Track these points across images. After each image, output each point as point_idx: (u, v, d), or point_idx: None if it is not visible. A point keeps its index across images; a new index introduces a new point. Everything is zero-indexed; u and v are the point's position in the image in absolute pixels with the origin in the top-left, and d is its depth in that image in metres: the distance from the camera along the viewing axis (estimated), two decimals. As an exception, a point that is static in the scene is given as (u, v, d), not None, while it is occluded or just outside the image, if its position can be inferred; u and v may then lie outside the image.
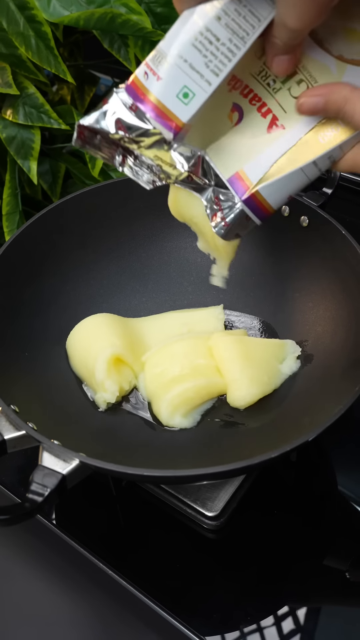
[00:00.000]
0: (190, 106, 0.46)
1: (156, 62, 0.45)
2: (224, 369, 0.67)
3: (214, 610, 0.57)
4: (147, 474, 0.51)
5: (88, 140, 0.50)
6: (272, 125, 0.50)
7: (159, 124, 0.47)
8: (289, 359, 0.69)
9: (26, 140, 0.81)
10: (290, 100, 0.49)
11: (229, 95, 0.49)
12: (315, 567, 0.60)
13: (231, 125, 0.51)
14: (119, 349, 0.67)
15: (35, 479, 0.50)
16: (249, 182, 0.52)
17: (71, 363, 0.70)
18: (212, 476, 0.55)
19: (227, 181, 0.52)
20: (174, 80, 0.45)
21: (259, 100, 0.50)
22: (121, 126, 0.48)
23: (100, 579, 0.60)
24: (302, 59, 0.47)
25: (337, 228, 0.67)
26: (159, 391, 0.66)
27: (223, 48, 0.44)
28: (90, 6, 0.71)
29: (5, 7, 0.73)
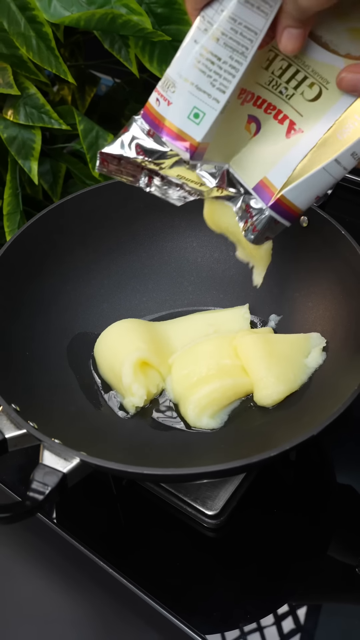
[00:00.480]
0: (202, 125, 0.48)
1: (165, 88, 0.48)
2: (249, 368, 0.67)
3: (214, 608, 0.57)
4: (147, 472, 0.51)
5: (111, 166, 0.52)
6: (290, 130, 0.51)
7: (175, 146, 0.49)
8: (314, 352, 0.68)
9: (27, 140, 0.81)
10: (304, 104, 0.50)
11: (242, 108, 0.51)
12: (314, 566, 0.60)
13: (250, 137, 0.52)
14: (144, 353, 0.68)
15: (36, 478, 0.50)
16: (274, 188, 0.53)
17: (99, 370, 0.71)
18: (212, 475, 0.55)
19: (252, 190, 0.53)
20: (183, 103, 0.47)
21: (274, 109, 0.51)
22: (141, 151, 0.51)
23: (101, 578, 0.60)
24: (311, 63, 0.48)
25: (337, 228, 0.67)
26: (186, 393, 0.66)
27: (225, 66, 0.46)
28: (91, 7, 0.72)
29: (6, 7, 0.73)
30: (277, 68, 0.49)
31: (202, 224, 0.78)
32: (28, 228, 0.71)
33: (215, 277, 0.78)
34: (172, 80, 0.47)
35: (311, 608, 0.58)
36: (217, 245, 0.79)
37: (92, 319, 0.74)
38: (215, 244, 0.78)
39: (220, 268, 0.79)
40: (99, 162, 0.52)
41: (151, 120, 0.49)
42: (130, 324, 0.72)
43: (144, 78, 0.93)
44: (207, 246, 0.79)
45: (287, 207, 0.53)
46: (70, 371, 0.71)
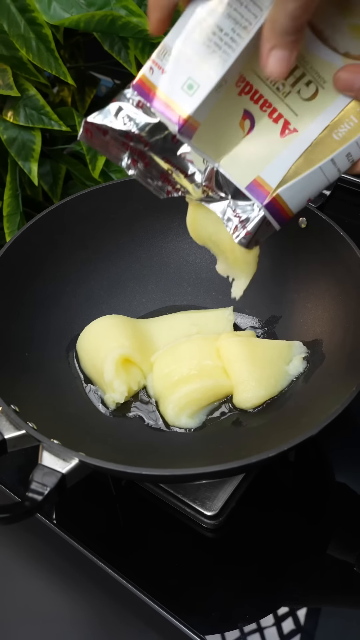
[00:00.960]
0: (195, 97, 0.46)
1: (161, 56, 0.46)
2: (230, 370, 0.67)
3: (213, 608, 0.58)
4: (146, 473, 0.51)
5: (95, 137, 0.50)
6: (285, 129, 0.50)
7: (164, 116, 0.47)
8: (295, 360, 0.69)
9: (27, 141, 0.81)
10: (300, 103, 0.49)
11: (239, 100, 0.49)
12: (313, 566, 0.60)
13: (243, 135, 0.51)
14: (127, 350, 0.68)
15: (35, 478, 0.50)
16: (269, 187, 0.52)
17: (81, 365, 0.71)
18: (211, 475, 0.55)
19: (245, 189, 0.52)
20: (178, 72, 0.45)
21: (270, 106, 0.50)
22: (128, 122, 0.48)
23: (100, 578, 0.60)
24: (310, 59, 0.47)
25: (336, 229, 0.68)
26: (166, 391, 0.66)
27: (226, 38, 0.44)
28: (91, 8, 0.72)
29: (6, 9, 0.73)
30: None
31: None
32: (28, 229, 0.71)
33: (214, 278, 0.78)
34: (168, 47, 0.45)
35: (310, 608, 0.58)
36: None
37: (92, 320, 0.74)
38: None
39: (220, 269, 0.79)
40: (82, 131, 0.50)
41: (142, 90, 0.47)
42: (114, 320, 0.71)
43: (143, 79, 0.93)
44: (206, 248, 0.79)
45: (280, 208, 0.52)
46: (69, 372, 0.71)
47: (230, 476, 0.62)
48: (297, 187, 0.51)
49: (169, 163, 0.51)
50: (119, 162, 0.51)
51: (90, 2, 0.72)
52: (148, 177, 0.53)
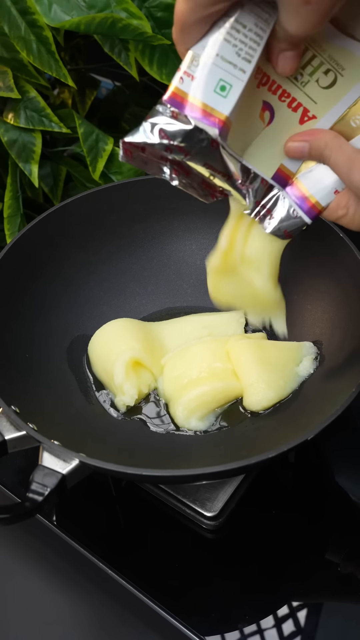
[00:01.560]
0: (229, 98, 0.46)
1: (191, 65, 0.46)
2: (240, 372, 0.67)
3: (213, 609, 0.58)
4: (146, 474, 0.51)
5: (135, 156, 0.50)
6: (304, 117, 0.51)
7: (202, 122, 0.47)
8: (305, 361, 0.68)
9: (27, 143, 0.81)
10: (319, 91, 0.50)
11: (259, 92, 0.50)
12: (313, 566, 0.60)
13: (263, 126, 0.51)
14: (137, 353, 0.68)
15: (35, 479, 0.50)
16: (291, 174, 0.52)
17: (93, 368, 0.71)
18: (211, 476, 0.55)
19: (271, 180, 0.53)
20: (209, 76, 0.46)
21: (288, 96, 0.50)
22: (164, 135, 0.48)
23: (100, 579, 0.61)
24: (327, 47, 0.48)
25: (336, 231, 0.68)
26: (176, 394, 0.67)
27: (251, 34, 0.45)
28: (91, 11, 0.72)
29: (7, 11, 0.73)
30: None
31: (201, 228, 0.78)
32: (28, 231, 0.71)
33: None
34: (195, 54, 0.45)
35: (310, 609, 0.58)
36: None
37: (92, 321, 0.74)
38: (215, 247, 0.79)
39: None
40: (122, 151, 0.50)
41: (175, 101, 0.47)
42: (125, 323, 0.72)
43: (143, 81, 0.94)
44: (207, 249, 0.78)
45: (302, 195, 0.52)
46: (70, 373, 0.71)
47: (230, 477, 0.62)
48: (317, 173, 0.52)
49: (210, 169, 0.51)
50: (162, 175, 0.52)
51: (91, 5, 0.72)
52: (191, 186, 0.53)
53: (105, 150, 0.83)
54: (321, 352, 0.69)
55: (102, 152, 0.83)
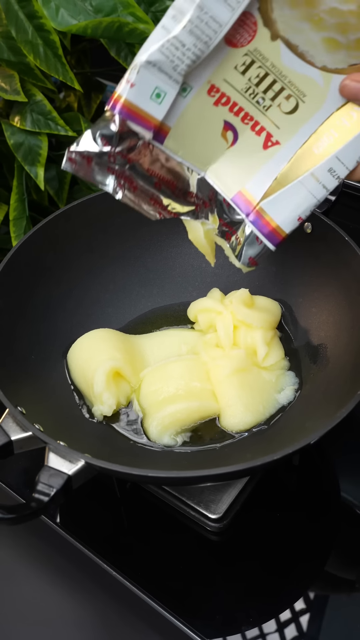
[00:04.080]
0: (163, 105, 0.49)
1: (130, 72, 0.48)
2: (219, 393, 0.67)
3: (217, 611, 0.58)
4: (151, 475, 0.51)
5: (79, 165, 0.52)
6: (268, 141, 0.52)
7: (136, 125, 0.49)
8: (287, 390, 0.69)
9: (33, 146, 0.82)
10: (281, 116, 0.51)
11: (217, 110, 0.51)
12: (317, 569, 0.60)
13: (227, 146, 0.53)
14: (119, 363, 0.68)
15: (41, 479, 0.51)
16: (253, 200, 0.53)
17: (72, 376, 0.70)
18: (216, 477, 0.55)
19: (231, 200, 0.54)
20: (146, 84, 0.48)
21: (252, 119, 0.51)
22: (105, 141, 0.50)
23: (104, 580, 0.61)
24: (287, 73, 0.49)
25: (341, 235, 0.68)
26: (151, 409, 0.66)
27: (189, 53, 0.47)
28: (98, 15, 0.72)
29: (14, 16, 0.74)
30: (254, 75, 0.49)
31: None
32: (34, 234, 0.71)
33: (220, 282, 0.78)
34: (137, 64, 0.47)
35: (313, 612, 0.58)
36: (221, 251, 0.78)
37: (97, 324, 0.75)
38: (220, 250, 0.78)
39: (225, 274, 0.79)
40: (65, 160, 0.52)
41: (114, 105, 0.49)
42: (106, 333, 0.72)
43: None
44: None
45: (266, 223, 0.53)
46: (75, 375, 0.71)
47: (234, 479, 0.62)
48: (280, 201, 0.53)
49: (155, 176, 0.53)
50: (104, 187, 0.53)
51: (98, 9, 0.73)
52: (136, 200, 0.55)
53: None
54: (326, 354, 0.69)
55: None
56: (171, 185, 0.54)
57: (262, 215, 0.53)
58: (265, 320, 0.71)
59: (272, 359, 0.69)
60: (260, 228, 0.54)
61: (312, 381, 0.68)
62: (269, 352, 0.69)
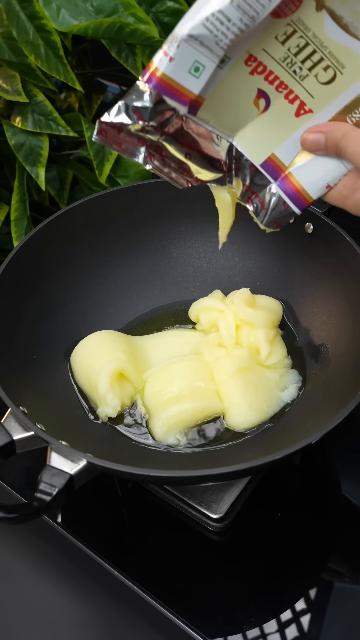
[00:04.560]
0: (201, 79, 0.48)
1: (169, 45, 0.47)
2: (223, 392, 0.67)
3: (218, 611, 0.58)
4: (153, 474, 0.51)
5: (110, 136, 0.51)
6: (300, 110, 0.51)
7: (172, 99, 0.49)
8: (291, 388, 0.69)
9: (34, 147, 0.82)
10: (317, 86, 0.50)
11: (252, 79, 0.50)
12: (319, 569, 0.60)
13: (258, 113, 0.52)
14: (123, 364, 0.68)
15: (43, 479, 0.51)
16: (283, 166, 0.53)
17: (75, 378, 0.70)
18: (217, 477, 0.55)
19: (260, 167, 0.53)
20: (185, 58, 0.47)
21: (286, 88, 0.51)
22: (139, 115, 0.50)
23: (105, 580, 0.61)
24: (328, 44, 0.48)
25: (342, 235, 0.68)
26: (156, 409, 0.67)
27: (234, 28, 0.46)
28: (99, 16, 0.72)
29: (15, 16, 0.74)
30: (294, 45, 0.49)
31: (208, 231, 0.79)
32: (35, 234, 0.71)
33: (221, 283, 0.79)
34: (177, 36, 0.47)
35: (314, 612, 0.58)
36: (222, 252, 0.79)
37: (99, 324, 0.75)
38: (221, 250, 0.79)
39: (226, 274, 0.79)
40: (96, 131, 0.51)
41: (150, 78, 0.48)
42: (109, 334, 0.72)
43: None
44: (213, 252, 0.80)
45: (295, 188, 0.53)
46: (77, 374, 0.71)
47: (236, 479, 0.62)
48: (310, 167, 0.52)
49: (186, 147, 0.52)
50: (135, 158, 0.53)
51: (99, 10, 0.73)
52: (165, 170, 0.54)
53: (112, 154, 0.84)
54: (327, 355, 0.69)
55: (109, 156, 0.84)
56: (200, 154, 0.54)
57: (290, 181, 0.53)
58: (267, 319, 0.71)
59: (275, 358, 0.69)
60: (287, 192, 0.54)
61: (314, 381, 0.68)
62: (271, 350, 0.69)
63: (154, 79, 0.48)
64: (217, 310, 0.73)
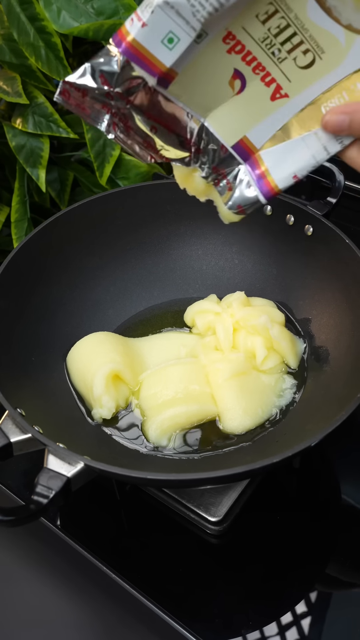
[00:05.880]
0: (174, 51, 0.46)
1: (143, 9, 0.45)
2: (218, 396, 0.67)
3: (217, 614, 0.58)
4: (151, 478, 0.51)
5: (72, 98, 0.49)
6: (276, 93, 0.50)
7: (140, 68, 0.47)
8: (286, 393, 0.69)
9: (35, 148, 0.82)
10: (295, 70, 0.49)
11: (229, 58, 0.49)
12: (318, 572, 0.60)
13: (232, 94, 0.51)
14: (118, 366, 0.68)
15: (40, 481, 0.51)
16: (253, 148, 0.51)
17: (71, 379, 0.70)
18: (215, 480, 0.55)
19: (231, 148, 0.52)
20: (158, 26, 0.45)
21: (263, 70, 0.49)
22: (104, 80, 0.47)
23: (104, 583, 0.60)
24: (310, 27, 0.47)
25: (341, 237, 0.68)
26: (151, 412, 0.66)
27: (212, 0, 0.44)
28: (100, 17, 0.72)
29: (16, 18, 0.74)
30: (274, 26, 0.47)
31: (207, 233, 0.79)
32: (35, 235, 0.71)
33: (220, 284, 0.79)
34: (153, 2, 0.44)
35: (314, 615, 0.58)
36: (222, 253, 0.79)
37: (98, 325, 0.75)
38: (220, 252, 0.79)
39: (225, 276, 0.79)
40: (58, 91, 0.48)
41: (121, 43, 0.46)
42: (105, 336, 0.72)
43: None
44: (212, 254, 0.80)
45: (262, 174, 0.51)
46: (75, 377, 0.71)
47: (234, 482, 0.62)
48: (279, 154, 0.51)
49: (152, 119, 0.50)
50: (97, 125, 0.50)
51: (99, 11, 0.73)
52: (129, 142, 0.52)
53: (113, 156, 0.84)
54: (327, 357, 0.69)
55: (109, 158, 0.84)
56: (167, 130, 0.51)
57: (259, 165, 0.52)
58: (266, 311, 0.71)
59: (271, 362, 0.69)
60: (255, 177, 0.52)
61: (313, 384, 0.68)
62: (268, 355, 0.69)
63: (123, 43, 0.46)
64: (213, 313, 0.73)
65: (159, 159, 0.53)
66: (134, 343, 0.74)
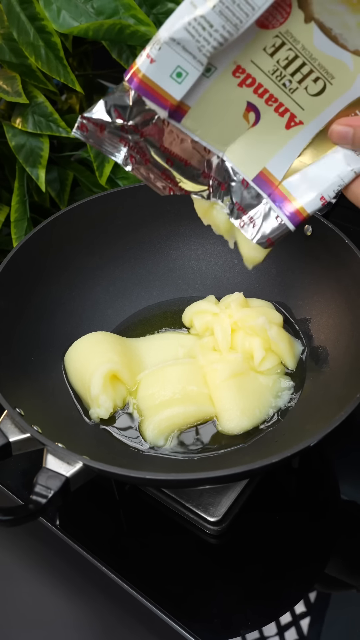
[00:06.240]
0: (184, 85, 0.48)
1: (152, 46, 0.47)
2: (216, 397, 0.67)
3: (216, 614, 0.58)
4: (150, 477, 0.51)
5: (90, 133, 0.51)
6: (291, 122, 0.51)
7: (151, 102, 0.48)
8: (284, 394, 0.69)
9: (35, 148, 0.82)
10: (307, 98, 0.50)
11: (241, 91, 0.50)
12: (317, 572, 0.60)
13: (248, 126, 0.52)
14: (116, 365, 0.68)
15: (39, 481, 0.51)
16: (274, 179, 0.52)
17: (69, 379, 0.70)
18: (214, 480, 0.55)
19: (252, 182, 0.53)
20: (166, 61, 0.47)
21: (276, 101, 0.50)
22: (118, 114, 0.50)
23: (103, 583, 0.60)
24: (318, 56, 0.48)
25: (341, 237, 0.68)
26: (148, 412, 0.66)
27: (216, 34, 0.45)
28: (100, 17, 0.72)
29: (16, 17, 0.74)
30: (282, 57, 0.48)
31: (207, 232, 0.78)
32: (35, 235, 0.71)
33: (220, 284, 0.79)
34: (159, 39, 0.46)
35: (313, 615, 0.58)
36: (221, 254, 0.79)
37: (97, 325, 0.75)
38: (220, 252, 0.79)
39: (225, 276, 0.79)
40: (77, 125, 0.51)
41: (133, 80, 0.48)
42: (103, 336, 0.72)
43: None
44: (212, 254, 0.80)
45: (289, 203, 0.52)
46: (74, 377, 0.71)
47: (233, 482, 0.62)
48: (302, 179, 0.52)
49: (166, 152, 0.52)
50: (114, 157, 0.52)
51: (99, 11, 0.73)
52: (147, 174, 0.53)
53: (112, 156, 0.84)
54: (326, 358, 0.69)
55: (109, 158, 0.84)
56: (184, 163, 0.53)
57: (284, 195, 0.52)
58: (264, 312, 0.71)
59: (269, 363, 0.69)
60: (281, 207, 0.53)
61: (312, 384, 0.68)
62: (265, 356, 0.69)
63: (135, 79, 0.48)
64: (211, 314, 0.73)
65: (179, 191, 0.54)
66: (132, 343, 0.73)
